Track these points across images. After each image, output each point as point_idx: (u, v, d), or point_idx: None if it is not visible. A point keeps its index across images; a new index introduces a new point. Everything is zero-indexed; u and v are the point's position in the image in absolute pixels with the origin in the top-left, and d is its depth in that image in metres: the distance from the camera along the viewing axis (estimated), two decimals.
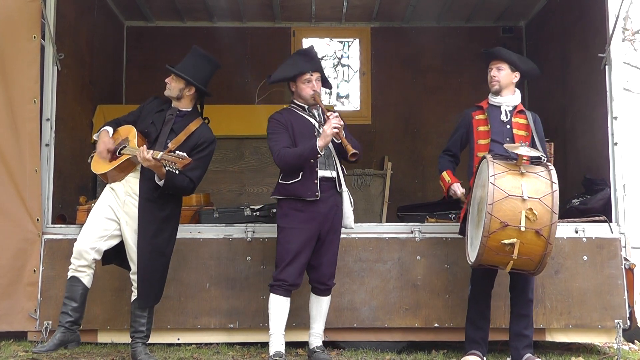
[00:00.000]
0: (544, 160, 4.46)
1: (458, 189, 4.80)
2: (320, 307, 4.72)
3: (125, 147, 4.55)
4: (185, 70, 4.64)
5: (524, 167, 4.34)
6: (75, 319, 4.48)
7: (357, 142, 4.69)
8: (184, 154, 4.32)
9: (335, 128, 4.46)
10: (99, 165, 4.61)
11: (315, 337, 4.74)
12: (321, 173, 4.62)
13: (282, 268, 4.57)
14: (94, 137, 4.75)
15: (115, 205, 4.55)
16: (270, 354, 4.54)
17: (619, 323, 5.03)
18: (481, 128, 4.80)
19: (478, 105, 4.91)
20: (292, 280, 4.56)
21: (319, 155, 4.49)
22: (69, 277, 4.51)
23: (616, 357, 4.99)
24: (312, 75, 4.66)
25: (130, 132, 4.62)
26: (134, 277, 4.55)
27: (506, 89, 4.79)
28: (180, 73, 4.62)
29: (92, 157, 4.69)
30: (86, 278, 4.51)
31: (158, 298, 4.64)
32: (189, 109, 4.69)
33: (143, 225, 4.48)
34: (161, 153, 4.31)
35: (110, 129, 4.66)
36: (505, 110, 4.77)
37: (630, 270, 5.10)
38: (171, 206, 4.61)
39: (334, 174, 4.66)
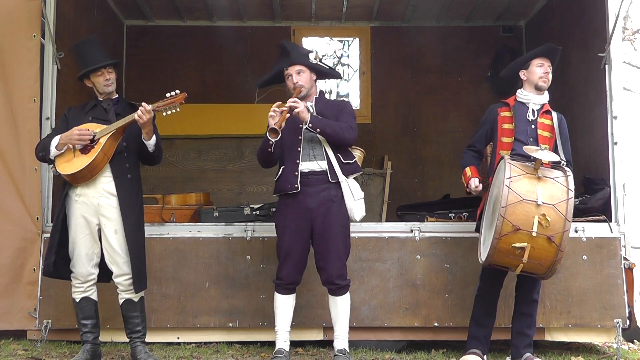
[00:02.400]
0: (563, 164, 4.39)
1: (474, 183, 4.66)
2: (336, 307, 4.58)
3: (95, 134, 4.44)
4: (105, 57, 4.62)
5: (542, 172, 4.26)
6: (98, 334, 4.59)
7: (336, 128, 4.51)
8: (176, 91, 4.42)
9: (273, 111, 4.41)
10: (76, 163, 4.43)
11: (337, 340, 4.61)
12: (304, 165, 4.54)
13: (279, 267, 4.60)
14: (52, 155, 4.50)
15: (88, 215, 4.47)
16: (274, 352, 4.57)
17: (618, 322, 5.03)
18: (506, 126, 4.71)
19: (504, 101, 4.81)
20: (288, 279, 4.56)
21: (271, 142, 4.45)
22: (78, 299, 4.51)
23: (615, 356, 4.99)
24: (287, 69, 4.64)
25: (85, 127, 4.50)
26: (118, 280, 4.50)
27: None
28: (114, 61, 4.63)
29: (53, 167, 4.58)
30: (95, 294, 4.56)
31: (145, 282, 4.61)
32: (117, 95, 4.71)
33: (126, 210, 4.46)
34: (150, 105, 4.39)
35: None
36: (532, 109, 4.68)
37: (629, 270, 5.10)
38: (140, 188, 4.65)
39: (324, 165, 4.54)
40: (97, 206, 4.47)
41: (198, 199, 6.13)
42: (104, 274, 4.57)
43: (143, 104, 4.39)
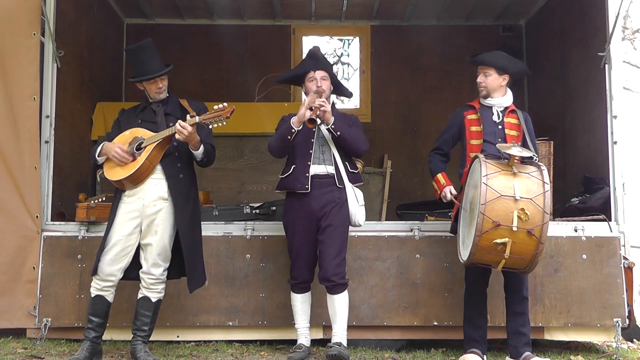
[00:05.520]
0: (535, 160, 4.46)
1: (449, 192, 4.78)
2: (333, 306, 4.66)
3: (142, 142, 4.52)
4: (159, 66, 4.63)
5: (516, 167, 4.34)
6: (101, 334, 4.58)
7: (354, 136, 4.69)
8: (224, 104, 4.41)
9: (311, 104, 4.52)
10: (122, 170, 4.50)
11: (335, 336, 4.69)
12: (314, 168, 4.67)
13: (291, 267, 4.75)
14: (98, 157, 4.61)
15: (132, 217, 4.51)
16: (294, 347, 4.74)
17: (617, 322, 5.03)
18: (473, 128, 4.80)
19: (470, 104, 4.90)
20: (302, 278, 4.71)
21: (293, 130, 4.56)
22: (93, 295, 4.53)
23: (615, 355, 4.99)
24: (314, 73, 4.76)
25: (135, 132, 4.58)
26: (143, 275, 4.54)
27: (496, 92, 4.78)
28: (167, 70, 4.64)
29: (101, 171, 4.64)
30: (110, 296, 4.57)
31: (203, 280, 4.69)
32: (167, 94, 4.73)
33: (179, 211, 4.51)
34: (197, 117, 4.41)
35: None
36: (497, 110, 4.78)
37: (629, 269, 5.10)
38: (194, 187, 4.70)
39: (331, 170, 4.68)
40: (142, 207, 4.52)
41: None
42: (133, 270, 4.58)
43: (180, 121, 4.38)
